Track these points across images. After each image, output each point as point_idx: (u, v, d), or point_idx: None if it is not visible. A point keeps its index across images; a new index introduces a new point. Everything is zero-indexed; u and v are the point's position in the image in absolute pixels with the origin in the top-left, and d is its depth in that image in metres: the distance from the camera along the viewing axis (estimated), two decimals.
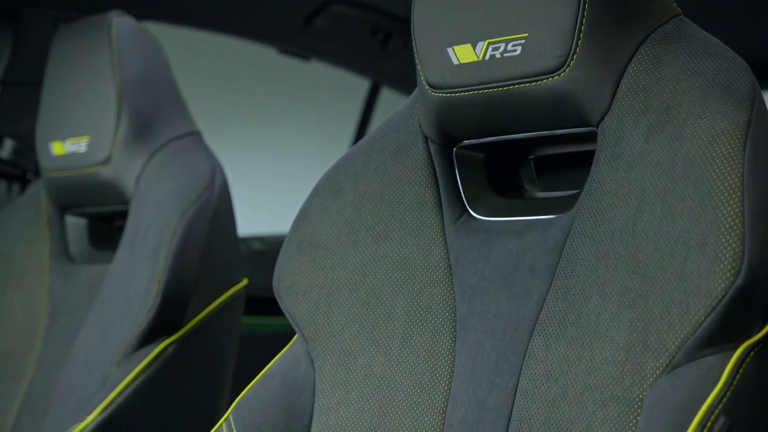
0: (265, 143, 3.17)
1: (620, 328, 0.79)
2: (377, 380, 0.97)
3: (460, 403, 0.91)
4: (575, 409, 0.81)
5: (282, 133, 3.21)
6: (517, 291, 0.90)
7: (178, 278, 1.35)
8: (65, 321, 1.56)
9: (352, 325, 1.01)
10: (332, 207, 1.05)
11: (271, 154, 3.14)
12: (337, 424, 0.98)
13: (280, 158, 3.12)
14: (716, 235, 0.74)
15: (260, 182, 2.99)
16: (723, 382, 0.72)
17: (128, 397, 1.30)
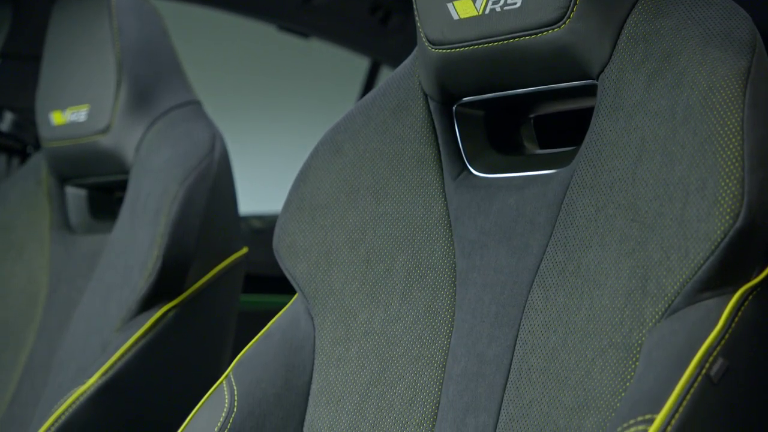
0: (265, 122, 3.16)
1: (619, 275, 0.79)
2: (377, 336, 0.97)
3: (459, 356, 0.91)
4: (574, 358, 0.81)
5: (281, 111, 3.20)
6: (517, 245, 0.90)
7: (178, 244, 1.35)
8: (65, 290, 1.57)
9: (351, 282, 1.01)
10: (332, 167, 1.05)
11: (270, 133, 3.14)
12: (337, 379, 0.99)
13: (280, 137, 3.12)
14: (715, 179, 0.74)
15: (259, 161, 2.99)
16: (721, 324, 0.72)
17: (128, 361, 1.31)
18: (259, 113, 3.19)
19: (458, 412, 0.89)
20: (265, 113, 3.21)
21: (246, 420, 0.98)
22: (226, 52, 3.07)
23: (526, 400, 0.84)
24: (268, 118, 3.19)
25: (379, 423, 0.94)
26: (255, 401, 0.99)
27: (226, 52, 3.06)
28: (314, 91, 3.18)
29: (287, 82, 3.21)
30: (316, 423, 0.98)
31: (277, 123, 3.19)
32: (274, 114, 3.21)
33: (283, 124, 3.18)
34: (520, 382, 0.85)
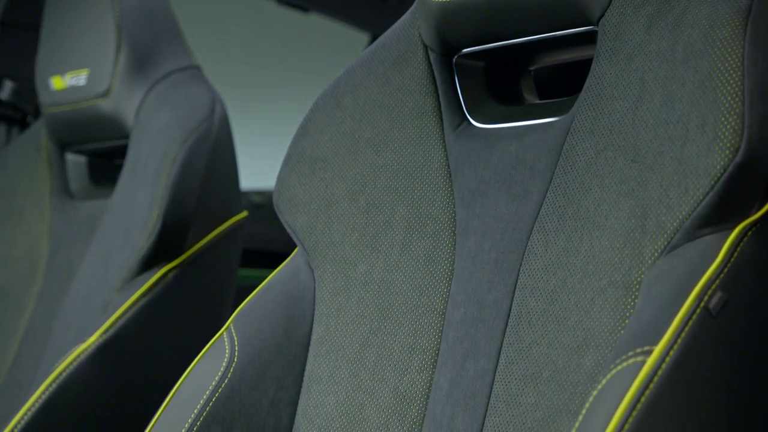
0: (264, 98, 3.16)
1: (619, 215, 0.79)
2: (377, 286, 0.98)
3: (459, 303, 0.92)
4: (573, 298, 0.81)
5: (281, 88, 3.20)
6: (517, 192, 0.90)
7: (178, 205, 1.36)
8: (66, 255, 1.57)
9: (351, 234, 1.01)
10: (332, 120, 1.06)
11: (270, 109, 3.14)
12: (337, 329, 0.99)
13: (280, 113, 3.12)
14: (716, 115, 0.74)
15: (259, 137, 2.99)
16: (720, 258, 0.72)
17: (129, 321, 1.31)
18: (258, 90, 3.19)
19: (458, 358, 0.90)
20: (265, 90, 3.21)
21: (247, 369, 0.98)
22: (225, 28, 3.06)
23: (526, 343, 0.84)
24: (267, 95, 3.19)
25: (379, 371, 0.95)
26: (255, 351, 1.00)
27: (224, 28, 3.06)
28: (314, 67, 3.18)
29: (287, 59, 3.21)
30: (317, 372, 0.99)
31: (277, 99, 3.18)
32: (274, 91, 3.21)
33: (283, 101, 3.18)
34: (520, 326, 0.85)
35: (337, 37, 2.71)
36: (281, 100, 3.19)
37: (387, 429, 0.92)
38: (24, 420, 1.23)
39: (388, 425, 0.92)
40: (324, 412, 0.97)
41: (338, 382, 0.97)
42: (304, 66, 3.23)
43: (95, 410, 1.28)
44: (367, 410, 0.94)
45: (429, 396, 0.91)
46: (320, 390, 0.98)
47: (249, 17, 2.98)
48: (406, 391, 0.92)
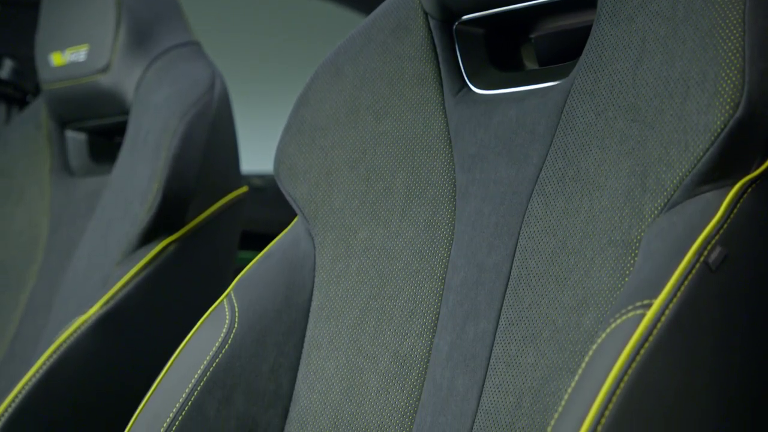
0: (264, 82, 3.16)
1: (619, 175, 0.79)
2: (377, 252, 0.98)
3: (459, 267, 0.92)
4: (573, 258, 0.81)
5: (282, 72, 3.20)
6: (517, 155, 0.90)
7: (178, 177, 1.36)
8: (66, 231, 1.57)
9: (352, 201, 1.01)
10: (332, 88, 1.06)
11: (270, 94, 3.13)
12: (337, 296, 0.99)
13: (280, 98, 3.11)
14: (716, 71, 0.74)
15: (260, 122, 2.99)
16: (720, 214, 0.72)
17: (129, 293, 1.31)
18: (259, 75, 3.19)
19: (458, 321, 0.90)
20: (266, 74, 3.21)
21: (247, 335, 0.99)
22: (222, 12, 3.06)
23: (525, 304, 0.84)
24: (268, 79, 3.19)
25: (379, 336, 0.95)
26: (256, 317, 1.00)
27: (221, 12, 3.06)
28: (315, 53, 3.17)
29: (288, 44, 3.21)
30: (317, 338, 0.99)
31: (278, 84, 3.18)
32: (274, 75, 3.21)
33: (283, 86, 3.17)
34: (520, 287, 0.85)
35: (339, 22, 2.71)
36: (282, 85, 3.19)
37: (387, 393, 0.92)
38: (25, 390, 1.23)
39: (388, 389, 0.92)
40: (324, 377, 0.97)
41: (338, 347, 0.97)
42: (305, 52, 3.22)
43: (96, 381, 1.28)
44: (367, 374, 0.94)
45: (429, 359, 0.91)
46: (320, 355, 0.98)
47: (248, 4, 2.97)
48: (406, 355, 0.93)
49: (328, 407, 0.95)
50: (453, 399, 0.87)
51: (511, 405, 0.82)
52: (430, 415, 0.89)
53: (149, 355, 1.30)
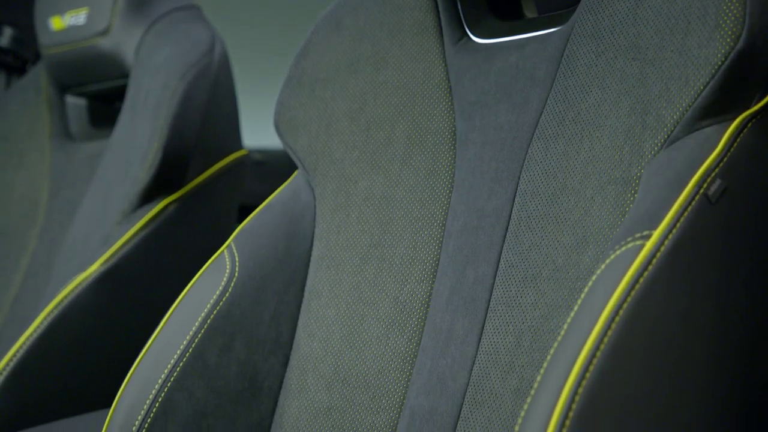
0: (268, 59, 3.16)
1: (619, 113, 0.80)
2: (377, 201, 0.98)
3: (459, 213, 0.92)
4: (573, 198, 0.81)
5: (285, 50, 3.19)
6: (517, 101, 0.91)
7: (178, 137, 1.36)
8: (66, 195, 1.57)
9: (352, 151, 1.01)
10: (332, 41, 1.06)
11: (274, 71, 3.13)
12: (337, 245, 0.99)
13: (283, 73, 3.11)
14: (717, 4, 0.74)
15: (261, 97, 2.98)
16: (720, 148, 0.72)
17: (129, 251, 1.31)
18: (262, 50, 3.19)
19: (458, 266, 0.90)
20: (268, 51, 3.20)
21: (247, 283, 0.99)
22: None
23: (525, 246, 0.84)
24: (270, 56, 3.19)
25: (379, 282, 0.95)
26: (256, 266, 1.00)
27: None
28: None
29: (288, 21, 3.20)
30: (317, 286, 0.99)
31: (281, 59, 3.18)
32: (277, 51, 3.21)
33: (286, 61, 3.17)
34: (519, 230, 0.86)
35: None
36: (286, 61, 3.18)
37: (387, 338, 0.93)
38: (26, 345, 1.24)
39: (389, 335, 0.93)
40: (325, 325, 0.97)
41: (338, 295, 0.97)
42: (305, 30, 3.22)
43: (96, 337, 1.29)
44: (367, 321, 0.94)
45: (429, 305, 0.92)
46: (320, 303, 0.98)
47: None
48: (407, 300, 0.93)
49: (328, 354, 0.95)
50: (453, 342, 0.88)
51: (511, 345, 0.82)
52: (430, 358, 0.89)
53: (149, 313, 1.30)
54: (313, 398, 0.95)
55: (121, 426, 0.92)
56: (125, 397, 0.93)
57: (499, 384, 0.82)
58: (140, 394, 0.93)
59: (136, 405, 0.92)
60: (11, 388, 1.21)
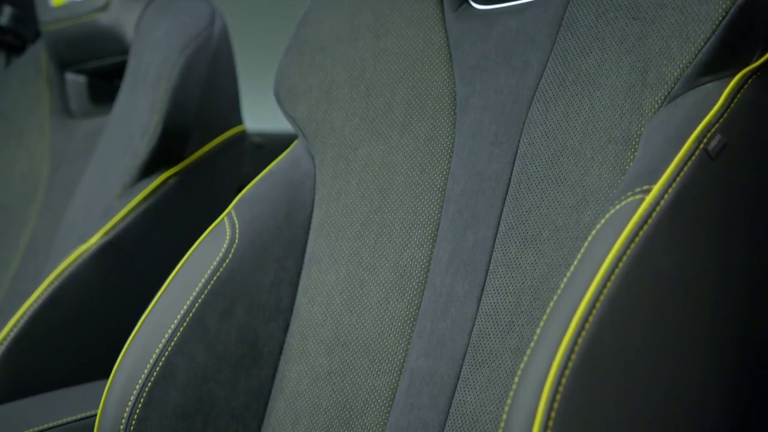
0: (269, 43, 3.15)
1: (619, 73, 0.80)
2: (377, 167, 0.98)
3: (459, 178, 0.92)
4: (573, 159, 0.81)
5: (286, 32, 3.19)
6: (517, 65, 0.90)
7: (178, 110, 1.36)
8: (66, 171, 1.57)
9: (352, 118, 1.01)
10: (332, 9, 1.06)
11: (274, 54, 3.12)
12: (337, 211, 0.99)
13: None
14: None
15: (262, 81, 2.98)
16: (720, 104, 0.72)
17: (129, 224, 1.31)
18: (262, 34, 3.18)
19: (458, 230, 0.90)
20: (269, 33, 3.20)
21: (247, 250, 0.99)
22: None
23: (525, 207, 0.85)
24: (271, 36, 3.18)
25: (379, 248, 0.95)
26: (256, 233, 1.00)
27: None
28: None
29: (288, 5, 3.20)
30: (317, 253, 0.99)
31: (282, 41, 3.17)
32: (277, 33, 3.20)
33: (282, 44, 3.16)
34: (519, 192, 0.86)
35: None
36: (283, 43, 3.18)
37: (387, 302, 0.93)
38: (26, 315, 1.24)
39: (389, 299, 0.93)
40: (325, 290, 0.97)
41: (339, 260, 0.97)
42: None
43: (96, 309, 1.29)
44: (367, 285, 0.95)
45: (429, 269, 0.92)
46: (321, 269, 0.98)
47: None
48: (406, 265, 0.93)
49: (328, 319, 0.96)
50: (453, 304, 0.88)
51: (511, 305, 0.82)
52: (429, 321, 0.89)
53: (149, 286, 1.30)
54: (314, 363, 0.95)
55: (122, 390, 0.92)
56: (125, 361, 0.93)
57: (499, 344, 0.82)
58: (140, 359, 0.93)
59: (137, 369, 0.92)
60: (12, 357, 1.22)
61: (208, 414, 0.93)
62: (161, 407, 0.91)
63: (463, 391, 0.83)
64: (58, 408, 1.11)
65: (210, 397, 0.94)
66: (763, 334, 0.71)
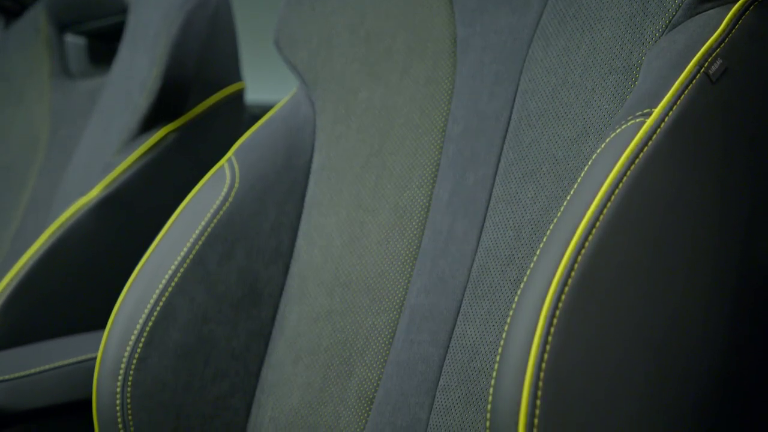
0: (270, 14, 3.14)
1: (620, 3, 0.79)
2: (377, 110, 0.98)
3: (459, 118, 0.92)
4: (574, 92, 0.81)
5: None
6: (517, 4, 0.90)
7: (178, 65, 1.35)
8: (66, 131, 1.57)
9: (352, 63, 1.01)
10: None
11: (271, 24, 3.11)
12: (337, 155, 0.99)
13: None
14: None
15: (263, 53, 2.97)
16: (721, 30, 0.72)
17: (129, 178, 1.32)
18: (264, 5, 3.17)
19: (458, 169, 0.90)
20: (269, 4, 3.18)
21: (247, 194, 0.99)
22: None
23: (525, 143, 0.84)
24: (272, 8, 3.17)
25: (379, 190, 0.95)
26: (256, 177, 1.00)
27: None
28: None
29: None
30: (317, 196, 0.99)
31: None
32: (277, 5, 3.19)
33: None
34: (520, 129, 0.86)
35: None
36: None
37: (387, 243, 0.93)
38: (27, 266, 1.24)
39: (389, 239, 0.93)
40: (325, 233, 0.97)
41: (339, 203, 0.97)
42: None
43: (96, 261, 1.29)
44: (367, 227, 0.95)
45: (429, 209, 0.92)
46: (321, 212, 0.98)
47: None
48: (407, 206, 0.93)
49: (328, 260, 0.96)
50: (452, 242, 0.88)
51: (510, 238, 0.82)
52: (430, 259, 0.89)
53: (149, 240, 1.30)
54: (314, 303, 0.95)
55: (123, 330, 0.92)
56: (126, 302, 0.93)
57: (499, 277, 0.82)
58: (141, 299, 0.93)
59: (138, 310, 0.93)
60: (13, 307, 1.22)
61: (208, 354, 0.94)
62: (162, 347, 0.92)
63: (463, 324, 0.83)
64: (59, 352, 1.11)
65: (211, 338, 0.94)
66: (762, 258, 0.71)
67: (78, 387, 1.08)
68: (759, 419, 0.73)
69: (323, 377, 0.91)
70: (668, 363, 0.66)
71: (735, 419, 0.72)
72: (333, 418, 0.89)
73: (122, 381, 0.90)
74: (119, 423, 0.90)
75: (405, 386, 0.85)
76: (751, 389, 0.73)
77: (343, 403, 0.89)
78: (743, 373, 0.72)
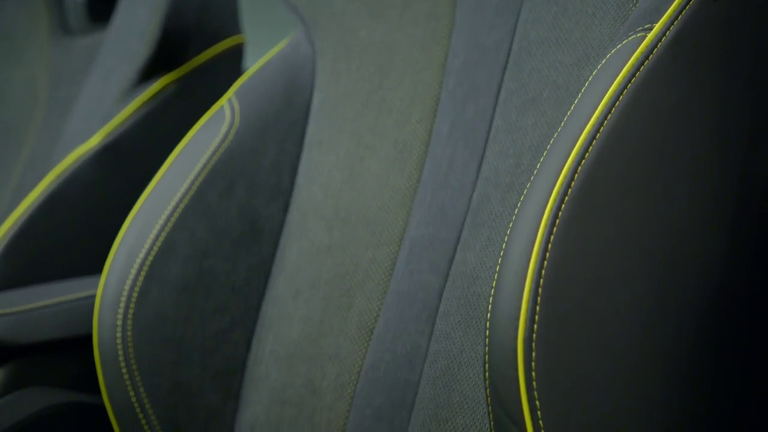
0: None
1: None
2: (377, 48, 0.98)
3: (459, 51, 0.92)
4: (575, 18, 0.81)
5: None
6: None
7: (178, 13, 1.35)
8: (66, 88, 1.57)
9: (352, 2, 1.01)
10: None
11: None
12: (337, 93, 0.99)
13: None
14: None
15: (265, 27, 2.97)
16: None
17: (129, 128, 1.31)
18: None
19: (458, 102, 0.90)
20: None
21: (247, 132, 0.99)
22: None
23: (526, 72, 0.84)
24: None
25: (379, 126, 0.95)
26: (255, 116, 1.00)
27: None
28: None
29: None
30: (317, 134, 0.99)
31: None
32: None
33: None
34: (520, 58, 0.85)
35: None
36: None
37: (387, 177, 0.93)
38: (27, 213, 1.24)
39: (389, 173, 0.93)
40: (325, 170, 0.97)
41: (339, 141, 0.97)
42: None
43: (96, 209, 1.29)
44: (367, 162, 0.94)
45: (429, 143, 0.92)
46: (321, 151, 0.98)
47: None
48: (407, 140, 0.93)
49: (328, 196, 0.96)
50: (453, 173, 0.88)
51: (511, 166, 0.82)
52: (429, 192, 0.89)
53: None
54: (314, 238, 0.95)
55: (123, 264, 0.92)
56: (126, 236, 0.94)
57: (499, 204, 0.82)
58: (141, 234, 0.93)
59: (138, 244, 0.93)
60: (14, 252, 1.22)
61: (209, 287, 0.94)
62: (162, 280, 0.92)
63: (463, 252, 0.83)
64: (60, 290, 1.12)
65: (211, 272, 0.94)
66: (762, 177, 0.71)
67: (79, 322, 1.08)
68: (754, 361, 0.73)
69: (323, 310, 0.91)
70: (668, 277, 0.66)
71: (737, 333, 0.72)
72: (333, 349, 0.89)
73: (123, 314, 0.90)
74: (120, 356, 0.90)
75: (405, 315, 0.85)
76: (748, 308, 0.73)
77: (343, 334, 0.89)
78: (742, 294, 0.72)
